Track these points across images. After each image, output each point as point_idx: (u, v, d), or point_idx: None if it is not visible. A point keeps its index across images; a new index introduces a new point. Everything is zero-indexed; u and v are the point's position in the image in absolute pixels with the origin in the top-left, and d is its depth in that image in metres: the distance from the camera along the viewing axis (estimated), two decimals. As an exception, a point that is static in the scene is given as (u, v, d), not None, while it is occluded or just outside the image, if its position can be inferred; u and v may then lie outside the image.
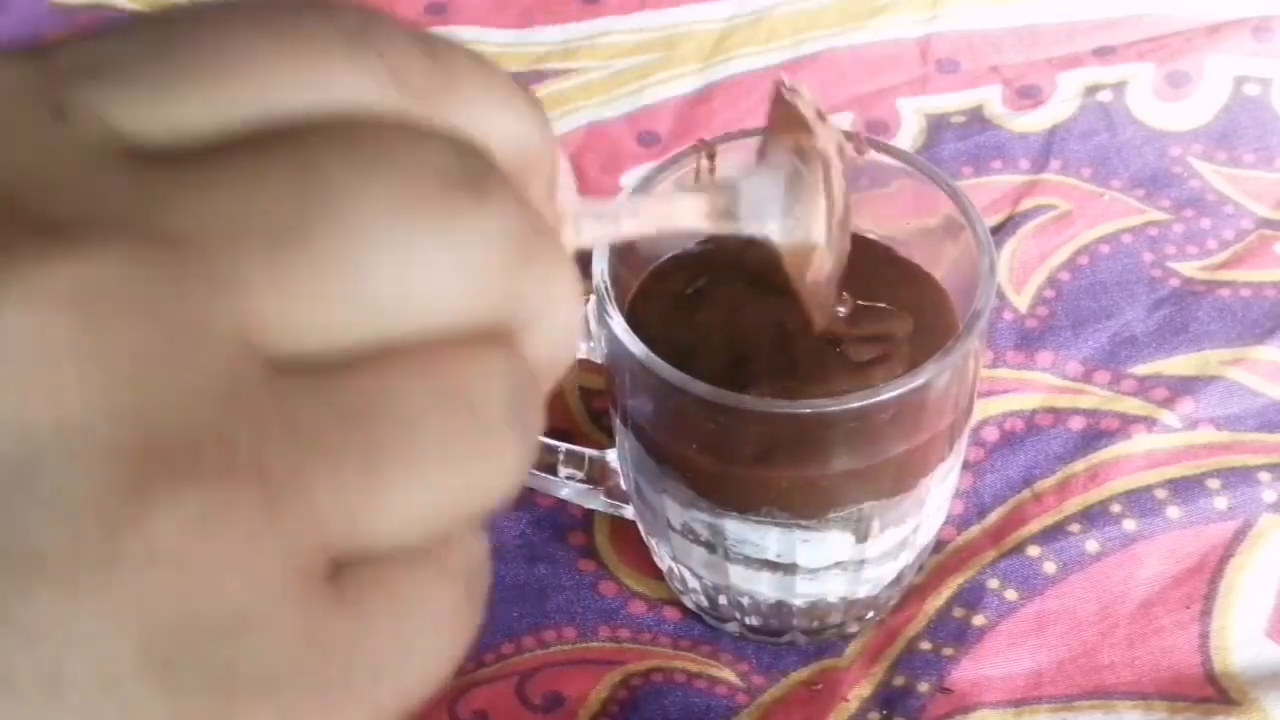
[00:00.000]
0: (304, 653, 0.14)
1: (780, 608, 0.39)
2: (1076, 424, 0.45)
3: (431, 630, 0.15)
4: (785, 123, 0.30)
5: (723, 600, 0.40)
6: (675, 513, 0.37)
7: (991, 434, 0.45)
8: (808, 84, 0.31)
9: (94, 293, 0.13)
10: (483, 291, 0.15)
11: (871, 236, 0.39)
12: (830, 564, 0.37)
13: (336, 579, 0.14)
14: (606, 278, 0.35)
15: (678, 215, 0.26)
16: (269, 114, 0.15)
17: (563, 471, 0.41)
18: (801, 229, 0.30)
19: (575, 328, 0.17)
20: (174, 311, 0.13)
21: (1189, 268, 0.49)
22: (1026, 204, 0.51)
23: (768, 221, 0.29)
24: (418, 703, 0.15)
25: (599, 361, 0.37)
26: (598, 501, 0.42)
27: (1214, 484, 0.43)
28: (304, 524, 0.14)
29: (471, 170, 0.15)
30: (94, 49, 0.15)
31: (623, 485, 0.40)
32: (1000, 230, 0.50)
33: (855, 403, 0.32)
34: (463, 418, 0.15)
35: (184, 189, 0.14)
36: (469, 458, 0.15)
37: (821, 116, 0.30)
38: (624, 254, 0.37)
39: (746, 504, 0.35)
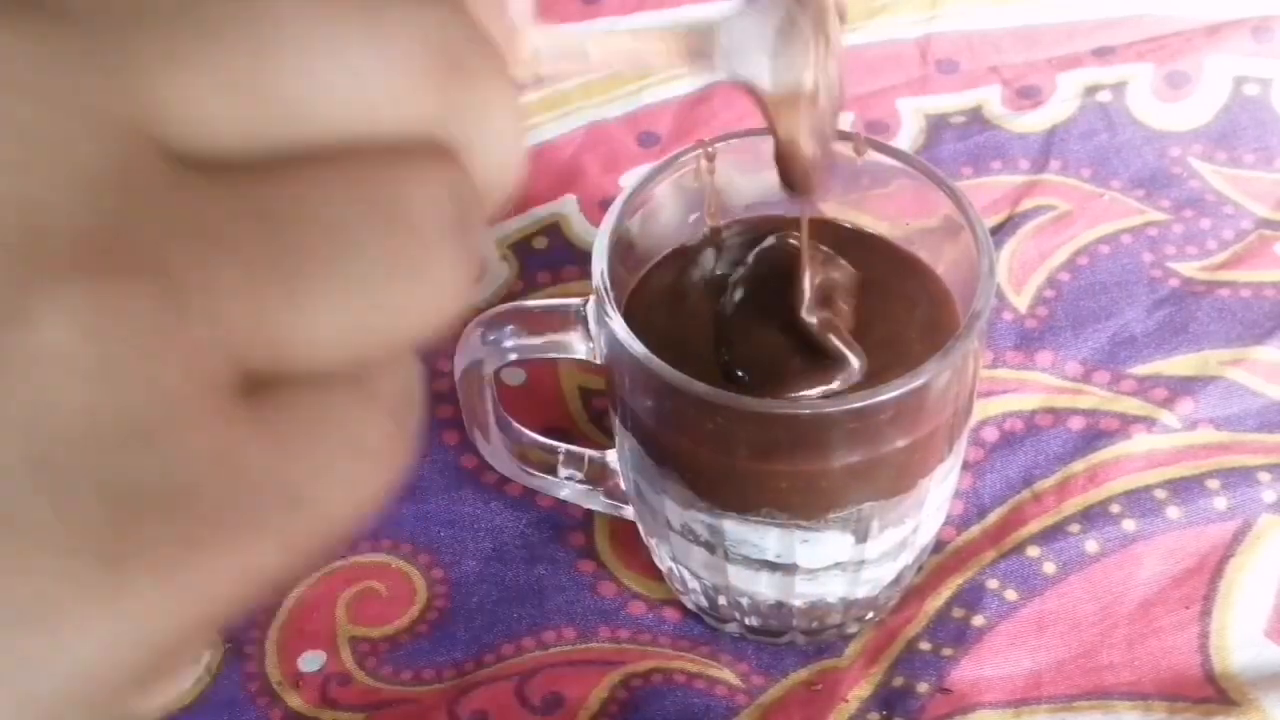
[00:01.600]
0: (210, 470, 0.13)
1: (780, 608, 0.39)
2: (1076, 424, 0.45)
3: (354, 459, 0.14)
4: None
5: (722, 601, 0.40)
6: (675, 513, 0.37)
7: (991, 434, 0.45)
8: None
9: None
10: (413, 96, 0.14)
11: (872, 231, 0.39)
12: (830, 564, 0.37)
13: (251, 397, 0.13)
14: (606, 278, 0.35)
15: (649, 51, 0.25)
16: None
17: (563, 472, 0.41)
18: (790, 75, 0.29)
19: (517, 147, 0.16)
20: (62, 91, 0.12)
21: (1189, 268, 0.49)
22: (1026, 204, 0.51)
23: (750, 65, 0.28)
24: (336, 539, 0.14)
25: (599, 362, 0.37)
26: (597, 502, 0.42)
27: (1214, 484, 0.43)
28: (212, 331, 0.13)
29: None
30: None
31: (622, 486, 0.40)
32: (1000, 230, 0.50)
33: (855, 403, 0.32)
34: (395, 228, 0.14)
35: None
36: (402, 273, 0.14)
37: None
38: (623, 253, 0.37)
39: (746, 504, 0.35)
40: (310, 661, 0.41)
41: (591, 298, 0.36)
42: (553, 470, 0.41)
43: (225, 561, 0.13)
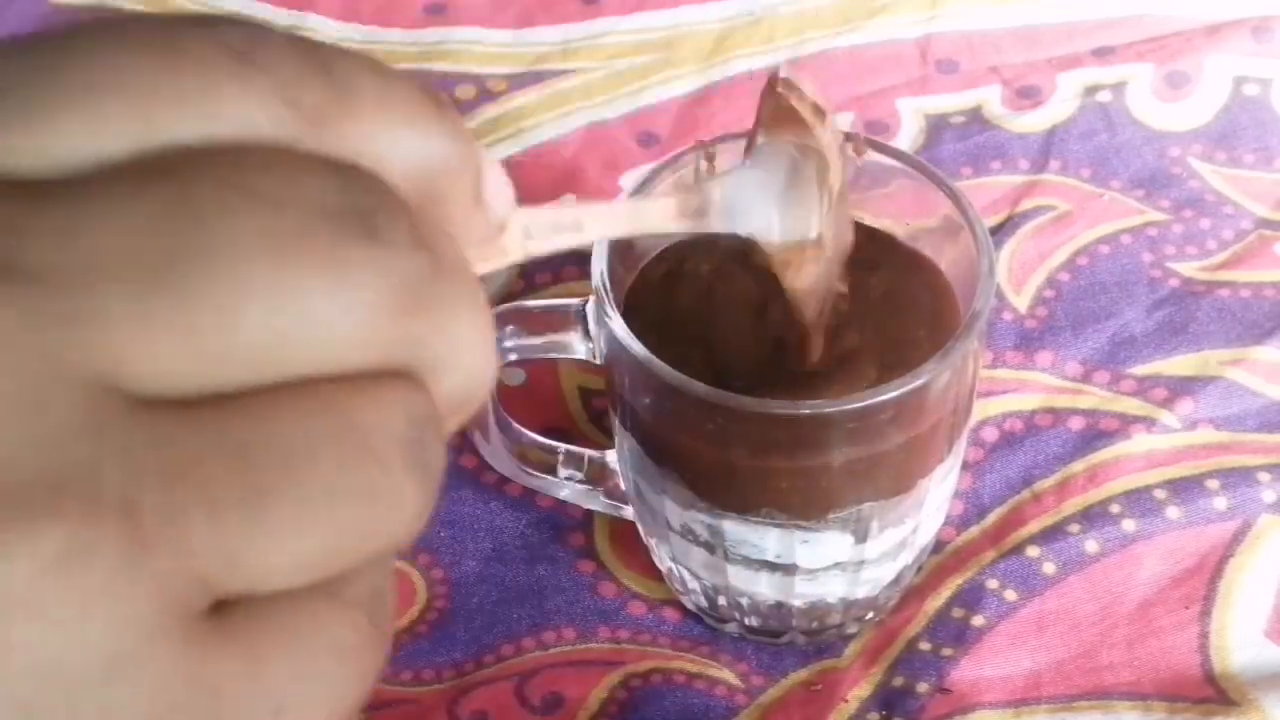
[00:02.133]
0: (188, 695, 0.13)
1: (780, 608, 0.39)
2: (1076, 424, 0.45)
3: (334, 662, 0.15)
4: (779, 118, 0.29)
5: (722, 601, 0.40)
6: (674, 513, 0.37)
7: (991, 434, 0.45)
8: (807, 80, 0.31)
9: None
10: (373, 336, 0.15)
11: (875, 226, 0.39)
12: (829, 565, 0.37)
13: (221, 617, 0.14)
14: (606, 279, 0.35)
15: (646, 217, 0.26)
16: (150, 142, 0.14)
17: (562, 472, 0.41)
18: (794, 229, 0.29)
19: (485, 368, 0.16)
20: (25, 347, 0.13)
21: (1188, 268, 0.49)
22: (1026, 204, 0.51)
23: (757, 220, 0.28)
24: None
25: (599, 362, 0.37)
26: (597, 502, 0.42)
27: (1213, 484, 0.43)
28: (178, 563, 0.13)
29: (360, 207, 0.14)
30: None
31: (622, 486, 0.40)
32: (1000, 230, 0.50)
33: (855, 403, 0.32)
34: (354, 456, 0.14)
35: (49, 221, 0.13)
36: (362, 499, 0.14)
37: (820, 112, 0.29)
38: (622, 252, 0.37)
39: (746, 505, 0.35)
40: (310, 661, 0.41)
41: (591, 298, 0.36)
42: (553, 470, 0.41)
43: None
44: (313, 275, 0.14)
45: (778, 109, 0.29)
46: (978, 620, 0.40)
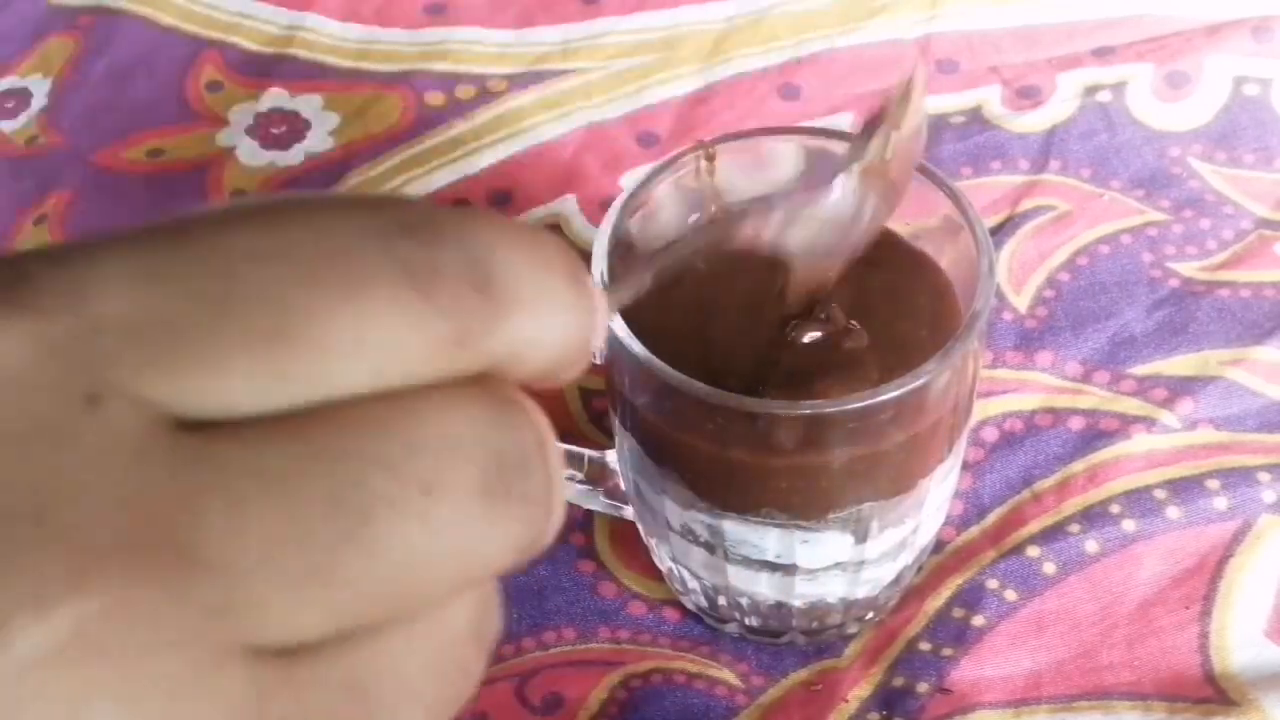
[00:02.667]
0: None
1: (780, 608, 0.39)
2: (1076, 424, 0.45)
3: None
4: (871, 165, 0.30)
5: (722, 601, 0.40)
6: (675, 513, 0.37)
7: (991, 434, 0.45)
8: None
9: (124, 627, 0.13)
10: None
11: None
12: (830, 565, 0.37)
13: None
14: (606, 279, 0.35)
15: (704, 246, 0.26)
16: (329, 395, 0.14)
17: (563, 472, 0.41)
18: (829, 255, 0.30)
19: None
20: (200, 639, 0.13)
21: (1188, 268, 0.49)
22: (1026, 204, 0.51)
23: (800, 242, 0.29)
24: None
25: (599, 361, 0.37)
26: (597, 502, 0.42)
27: (1213, 484, 0.43)
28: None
29: (508, 475, 0.15)
30: (130, 304, 0.14)
31: (622, 486, 0.40)
32: (1000, 231, 0.50)
33: (855, 403, 0.32)
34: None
35: (221, 498, 0.14)
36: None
37: (919, 130, 0.30)
38: (623, 253, 0.37)
39: (746, 505, 0.35)
40: (310, 662, 0.41)
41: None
42: (553, 470, 0.41)
43: None
44: (455, 545, 0.15)
45: (880, 161, 0.30)
46: (978, 620, 0.40)
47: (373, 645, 0.15)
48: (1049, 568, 0.41)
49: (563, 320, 0.17)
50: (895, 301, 0.37)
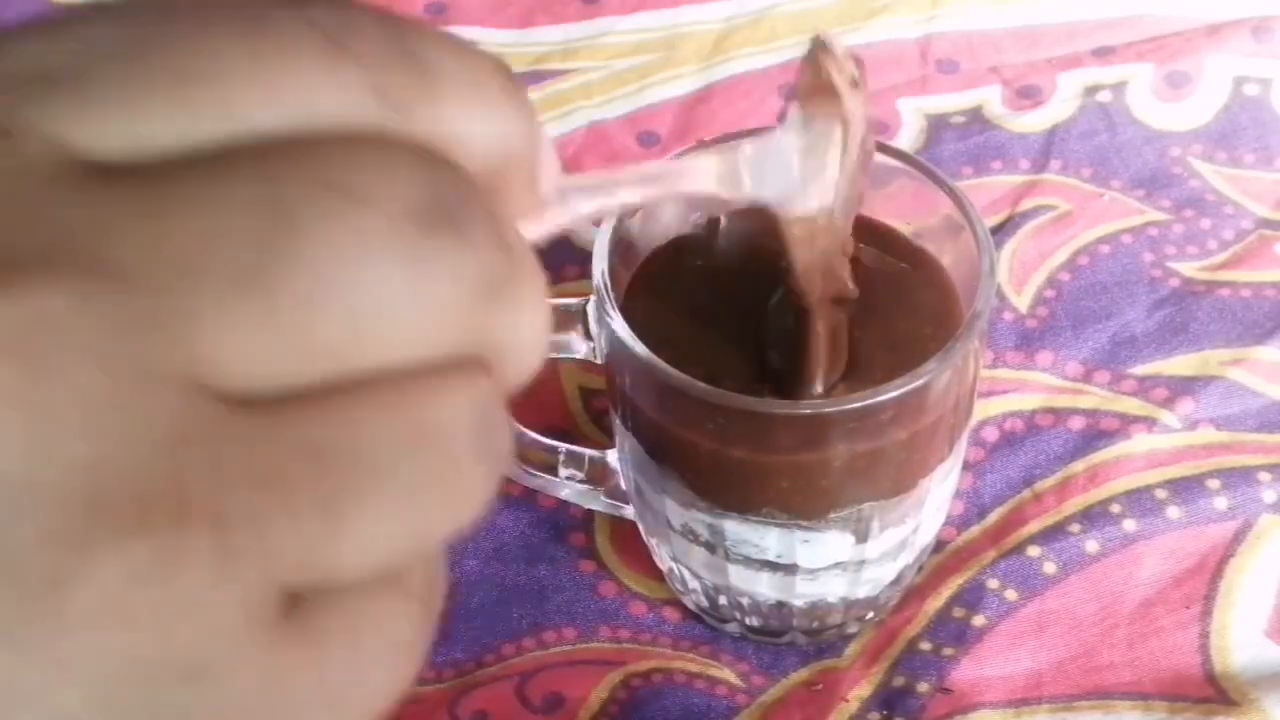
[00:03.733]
0: (260, 692, 0.14)
1: (780, 608, 0.39)
2: (1076, 424, 0.45)
3: (390, 654, 0.15)
4: (814, 87, 0.29)
5: (723, 601, 0.40)
6: (675, 513, 0.37)
7: (991, 434, 0.45)
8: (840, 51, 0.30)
9: (37, 335, 0.12)
10: (450, 329, 0.15)
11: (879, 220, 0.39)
12: (830, 564, 0.37)
13: (293, 612, 0.14)
14: (607, 278, 0.35)
15: (683, 179, 0.26)
16: (238, 131, 0.14)
17: (563, 472, 0.41)
18: (811, 199, 0.29)
19: (542, 347, 0.17)
20: (122, 354, 0.13)
21: (1189, 268, 0.49)
22: (1026, 204, 0.51)
23: (772, 189, 0.28)
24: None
25: (599, 362, 0.37)
26: (598, 502, 0.42)
27: (1214, 484, 0.43)
28: (261, 568, 0.13)
29: (447, 204, 0.15)
30: (49, 52, 0.14)
31: (623, 485, 0.40)
32: (1000, 230, 0.50)
33: (855, 403, 0.32)
34: (429, 454, 0.15)
35: (139, 215, 0.13)
36: (435, 493, 0.15)
37: (855, 83, 0.30)
38: (623, 252, 0.37)
39: (746, 504, 0.35)
40: (310, 661, 0.41)
41: (591, 297, 0.36)
42: (553, 470, 0.41)
43: None
44: (398, 271, 0.14)
45: (816, 78, 0.29)
46: (978, 620, 0.40)
47: (337, 408, 0.14)
48: (1049, 567, 0.41)
49: (498, 119, 0.16)
50: (897, 301, 0.37)
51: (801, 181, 0.29)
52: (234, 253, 0.13)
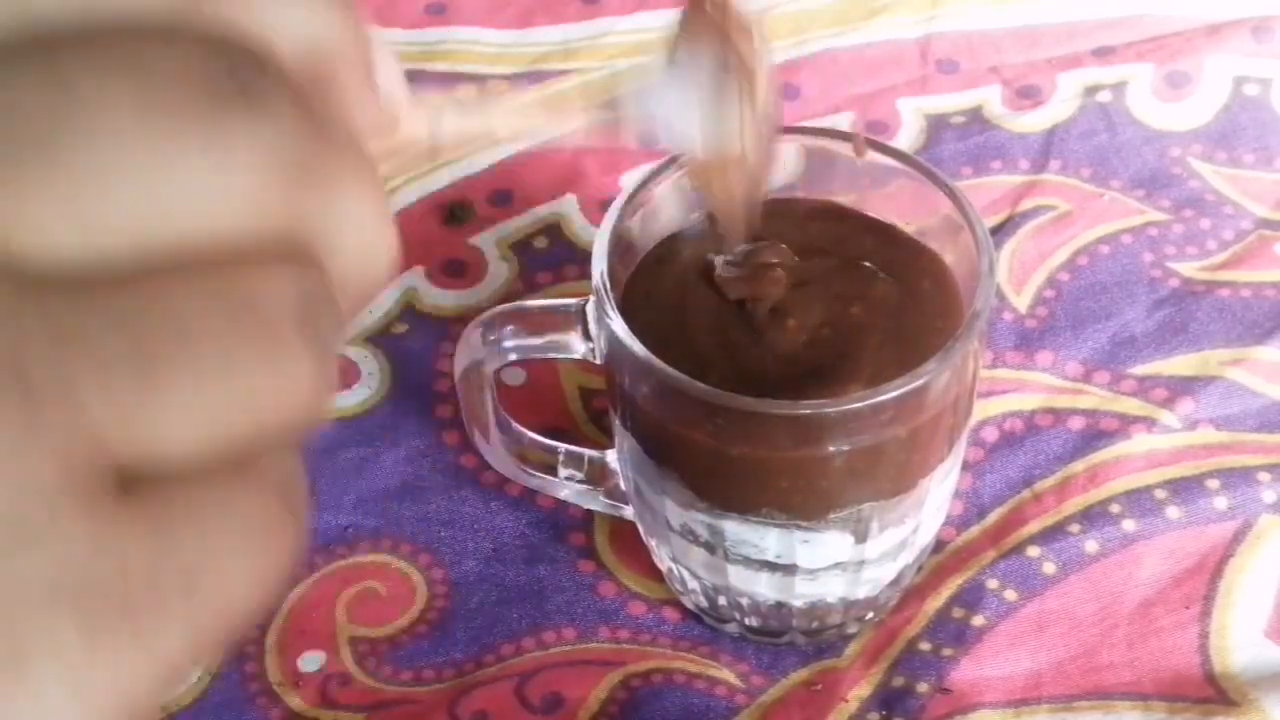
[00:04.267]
0: (96, 562, 0.13)
1: (780, 608, 0.39)
2: (1076, 424, 0.45)
3: (243, 539, 0.15)
4: (700, 29, 0.29)
5: (722, 601, 0.40)
6: (675, 513, 0.37)
7: (991, 434, 0.45)
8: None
9: None
10: (258, 207, 0.15)
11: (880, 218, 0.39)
12: (830, 565, 0.37)
13: (130, 490, 0.14)
14: (606, 279, 0.35)
15: (559, 113, 0.25)
16: (25, 21, 0.14)
17: (562, 472, 0.41)
18: (715, 141, 0.29)
19: (380, 249, 0.16)
20: None
21: (1189, 268, 0.49)
22: (1026, 204, 0.51)
23: (679, 130, 0.28)
24: (242, 620, 0.15)
25: (599, 362, 0.37)
26: (597, 502, 0.42)
27: (1214, 484, 0.43)
28: (75, 431, 0.13)
29: (238, 75, 0.14)
30: None
31: (622, 486, 0.40)
32: (1000, 230, 0.50)
33: (855, 403, 0.32)
34: (244, 323, 0.14)
35: None
36: (254, 365, 0.14)
37: (743, 26, 0.29)
38: (623, 253, 0.37)
39: (746, 505, 0.35)
40: (310, 662, 0.41)
41: (591, 298, 0.36)
42: (553, 470, 0.41)
43: (131, 652, 0.14)
44: (191, 143, 0.14)
45: (700, 21, 0.29)
46: (978, 620, 0.40)
47: (149, 281, 0.14)
48: (1049, 568, 0.41)
49: (306, 11, 0.16)
50: (898, 300, 0.36)
51: (698, 124, 0.29)
52: (15, 123, 0.13)
